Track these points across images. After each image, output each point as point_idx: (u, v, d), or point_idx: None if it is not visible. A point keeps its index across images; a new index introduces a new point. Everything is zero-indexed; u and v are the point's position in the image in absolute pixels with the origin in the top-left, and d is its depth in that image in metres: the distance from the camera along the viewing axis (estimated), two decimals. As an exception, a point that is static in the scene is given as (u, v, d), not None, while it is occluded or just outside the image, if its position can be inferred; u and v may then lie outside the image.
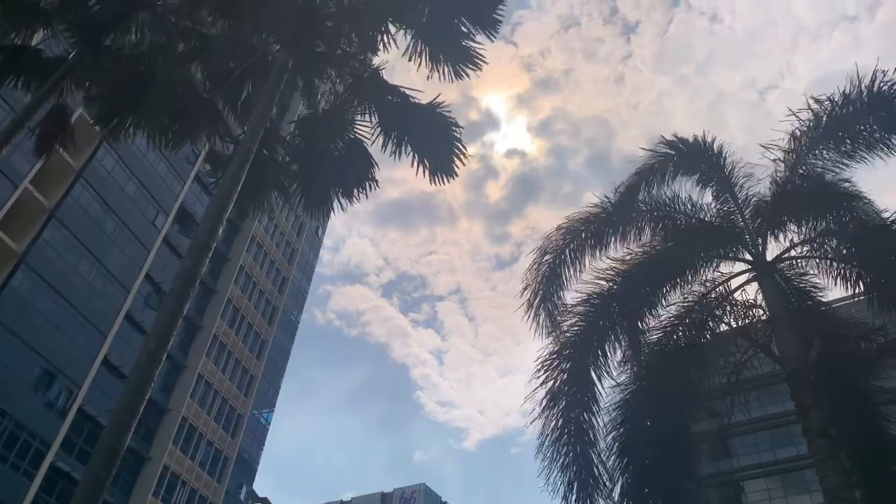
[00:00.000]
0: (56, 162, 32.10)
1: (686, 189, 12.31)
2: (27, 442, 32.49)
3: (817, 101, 10.89)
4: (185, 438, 44.35)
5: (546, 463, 10.74)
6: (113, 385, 36.73)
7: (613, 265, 11.85)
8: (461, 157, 10.80)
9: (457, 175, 10.89)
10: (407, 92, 10.82)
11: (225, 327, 50.00)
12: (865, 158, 10.98)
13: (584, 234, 12.16)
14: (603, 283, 11.71)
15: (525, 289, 12.28)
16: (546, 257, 12.23)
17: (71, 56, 11.48)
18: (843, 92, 10.65)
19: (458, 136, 10.78)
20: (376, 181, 11.33)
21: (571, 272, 12.15)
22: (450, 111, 10.75)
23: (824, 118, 11.00)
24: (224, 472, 47.59)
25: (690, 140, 12.31)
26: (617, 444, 10.95)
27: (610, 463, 10.81)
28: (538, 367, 11.26)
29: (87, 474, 6.05)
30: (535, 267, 12.30)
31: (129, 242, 40.35)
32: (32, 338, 33.28)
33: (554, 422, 10.92)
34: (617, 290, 11.56)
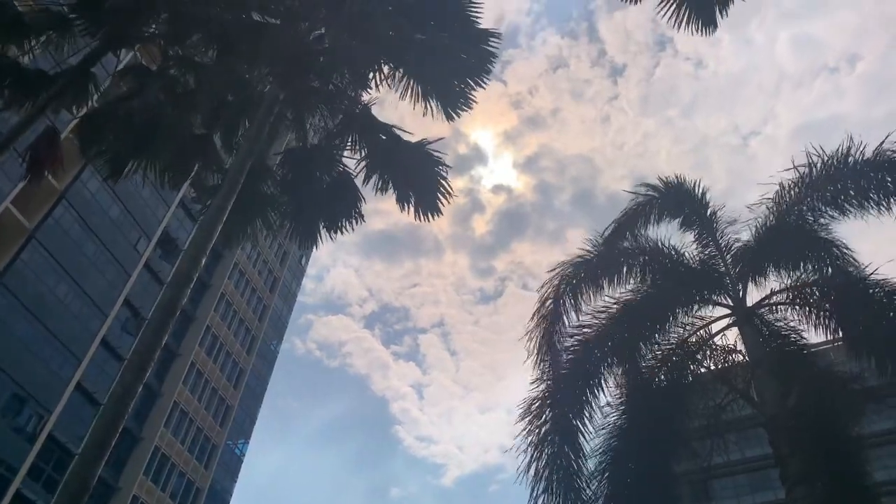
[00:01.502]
0: (35, 183, 31.80)
1: (669, 232, 12.51)
2: (-7, 468, 31.60)
3: (815, 155, 11.20)
4: (156, 468, 43.34)
5: None
6: (85, 411, 35.95)
7: (599, 309, 11.96)
8: (446, 195, 10.92)
9: (441, 213, 11.01)
10: (397, 131, 10.93)
11: (203, 355, 49.31)
12: (854, 215, 11.23)
13: (578, 278, 12.27)
14: (587, 329, 11.79)
15: (528, 334, 12.35)
16: (546, 304, 12.31)
17: (58, 78, 11.47)
18: (840, 149, 10.98)
19: (445, 174, 10.92)
20: (362, 216, 11.41)
21: (570, 315, 12.26)
22: (437, 151, 10.91)
23: (815, 172, 11.28)
24: (196, 503, 46.48)
25: (673, 182, 12.52)
26: (604, 487, 10.91)
27: None
28: (523, 413, 11.29)
29: (55, 508, 5.90)
30: (537, 312, 12.37)
31: (110, 266, 39.87)
32: (4, 360, 32.56)
33: (538, 473, 10.90)
34: (601, 334, 11.63)
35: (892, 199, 10.81)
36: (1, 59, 11.38)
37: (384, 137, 10.94)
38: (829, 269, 11.35)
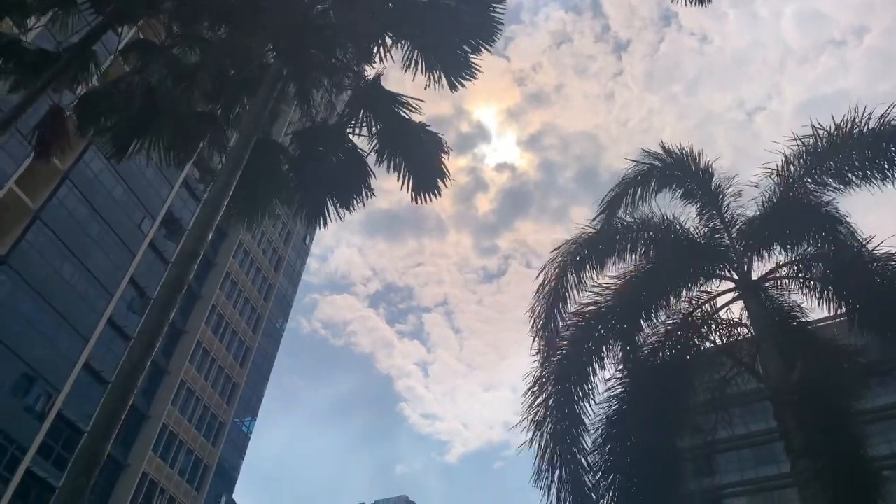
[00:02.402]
0: (43, 163, 31.84)
1: (670, 204, 12.42)
2: (3, 446, 31.96)
3: (818, 127, 11.07)
4: (164, 446, 43.86)
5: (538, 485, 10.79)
6: (93, 390, 36.30)
7: (602, 286, 11.94)
8: (445, 177, 10.96)
9: (440, 195, 11.05)
10: (406, 100, 10.85)
11: (209, 334, 49.62)
12: (858, 186, 11.14)
13: (582, 254, 12.22)
14: (590, 305, 11.78)
15: (531, 310, 12.33)
16: (549, 281, 12.29)
17: (62, 55, 11.41)
18: (845, 120, 10.85)
19: (446, 153, 10.93)
20: (372, 190, 11.39)
21: (574, 292, 12.22)
22: (440, 133, 10.91)
23: (820, 145, 11.16)
24: (203, 480, 47.07)
25: (677, 152, 12.37)
26: (604, 462, 10.98)
27: (597, 479, 10.85)
28: (527, 390, 11.35)
29: (67, 481, 5.98)
30: (539, 290, 12.36)
31: (115, 246, 39.99)
32: (12, 340, 32.82)
33: (542, 448, 10.99)
34: (604, 311, 11.63)
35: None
36: (3, 38, 11.34)
37: (396, 108, 10.88)
38: (833, 243, 11.28)
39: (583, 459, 11.00)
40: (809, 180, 11.42)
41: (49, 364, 34.85)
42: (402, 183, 11.11)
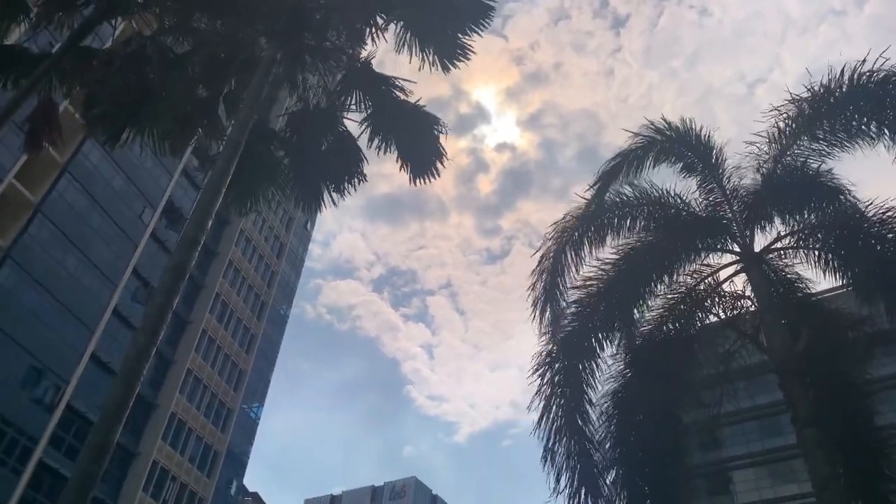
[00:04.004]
0: (41, 156, 31.72)
1: (671, 177, 12.33)
2: (14, 439, 32.26)
3: (806, 90, 10.92)
4: (174, 434, 44.22)
5: (547, 464, 10.86)
6: (101, 380, 36.52)
7: (605, 260, 11.88)
8: (442, 158, 10.94)
9: (438, 176, 11.04)
10: (398, 82, 10.81)
11: (213, 322, 49.82)
12: (848, 147, 11.02)
13: (580, 230, 12.10)
14: (592, 281, 11.74)
15: (530, 288, 12.30)
16: (547, 258, 12.23)
17: (55, 49, 11.36)
18: (824, 83, 10.69)
19: (443, 133, 10.90)
20: (364, 175, 11.40)
21: (573, 268, 12.16)
22: (434, 112, 10.90)
23: (807, 109, 11.03)
24: (214, 467, 47.50)
25: (677, 125, 12.21)
26: (611, 436, 11.04)
27: (605, 454, 10.92)
28: (534, 368, 11.37)
29: (77, 470, 6.02)
30: (538, 267, 12.30)
31: (116, 237, 40.04)
32: (19, 334, 33.00)
33: (550, 424, 11.03)
34: (606, 287, 11.59)
35: (878, 128, 10.43)
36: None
37: (388, 90, 10.83)
38: (834, 212, 11.20)
39: (590, 434, 11.04)
40: (801, 145, 11.32)
41: (56, 356, 35.06)
42: (401, 166, 11.10)
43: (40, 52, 11.73)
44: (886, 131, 10.31)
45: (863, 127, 10.63)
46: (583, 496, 10.55)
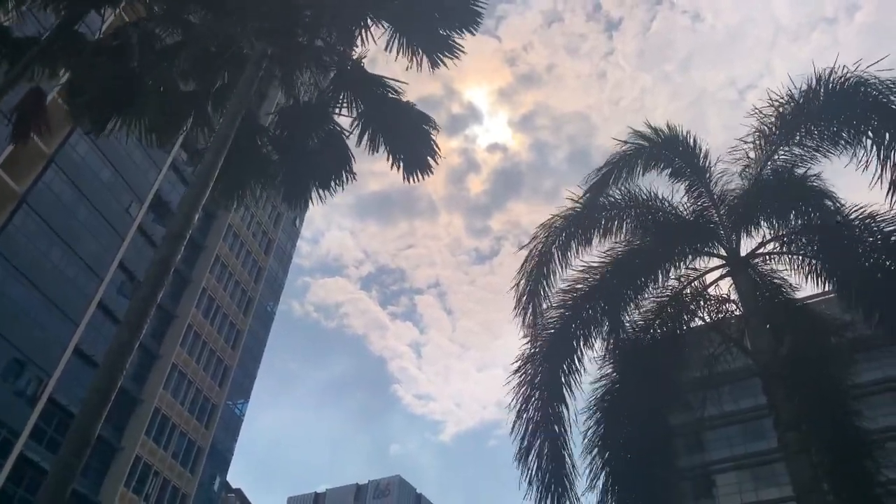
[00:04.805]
0: (27, 146, 31.42)
1: (659, 182, 12.39)
2: (-5, 431, 31.95)
3: (786, 95, 10.97)
4: (157, 429, 43.92)
5: (520, 465, 10.85)
6: (85, 374, 36.18)
7: (591, 263, 11.92)
8: (435, 155, 10.94)
9: (431, 173, 11.03)
10: (389, 83, 10.82)
11: (199, 317, 49.54)
12: (830, 153, 11.09)
13: (568, 231, 12.15)
14: (579, 284, 11.78)
15: (514, 287, 12.30)
16: (533, 257, 12.24)
17: (44, 37, 11.25)
18: (803, 88, 10.74)
19: (434, 132, 10.91)
20: (354, 174, 11.41)
21: (559, 269, 12.18)
22: (425, 110, 10.90)
23: (788, 114, 11.10)
24: (197, 463, 47.25)
25: (665, 131, 12.32)
26: (597, 439, 11.06)
27: (589, 459, 10.93)
28: (514, 368, 11.38)
29: (57, 461, 5.97)
30: (523, 266, 12.30)
31: (103, 230, 39.71)
32: (1, 325, 32.65)
33: (525, 425, 11.02)
34: (592, 289, 11.63)
35: (855, 133, 10.41)
36: None
37: (378, 90, 10.83)
38: (817, 216, 11.27)
39: (565, 437, 11.01)
40: (786, 150, 11.41)
41: (39, 348, 34.73)
42: (393, 163, 11.09)
43: (28, 37, 11.60)
44: (861, 137, 10.36)
45: (841, 133, 10.70)
46: (551, 499, 10.56)
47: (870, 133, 10.16)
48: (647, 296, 12.00)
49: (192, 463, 46.83)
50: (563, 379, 11.31)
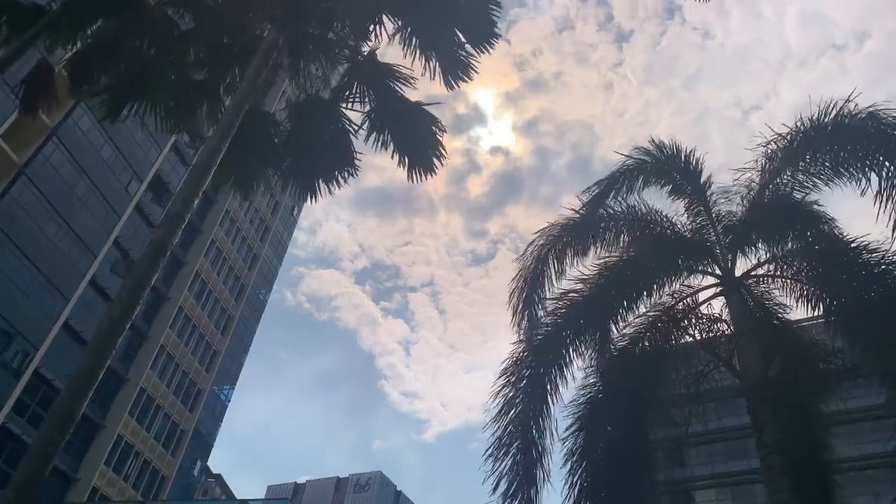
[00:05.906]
0: (29, 118, 31.34)
1: (658, 198, 12.47)
2: (-22, 401, 31.84)
3: (793, 124, 11.08)
4: (141, 409, 43.83)
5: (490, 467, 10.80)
6: (72, 350, 36.09)
7: (585, 273, 11.95)
8: (440, 155, 10.95)
9: (435, 174, 11.06)
10: (402, 72, 10.80)
11: (191, 300, 49.44)
12: (832, 182, 11.19)
13: (565, 239, 12.19)
14: (571, 292, 11.81)
15: (511, 293, 12.32)
16: (529, 264, 12.28)
17: (55, 9, 11.19)
18: (813, 116, 10.84)
19: (441, 132, 10.91)
20: (357, 168, 11.40)
21: (554, 277, 12.21)
22: (433, 108, 10.89)
23: (793, 142, 11.19)
24: (179, 446, 47.15)
25: (667, 147, 12.41)
26: (577, 447, 11.04)
27: (568, 467, 10.91)
28: (501, 371, 11.36)
29: (40, 435, 5.94)
30: (519, 274, 12.33)
31: (100, 207, 39.59)
32: (-9, 296, 32.56)
33: (504, 427, 10.98)
34: (585, 298, 11.65)
35: (860, 166, 10.48)
36: None
37: (389, 83, 10.82)
38: (814, 242, 11.34)
39: (540, 446, 10.95)
40: (787, 176, 11.49)
41: (28, 321, 34.62)
42: (398, 160, 11.09)
43: (35, 4, 11.54)
44: (866, 170, 10.44)
45: (846, 164, 10.78)
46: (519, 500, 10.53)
47: (875, 167, 10.24)
48: (638, 309, 12.03)
49: (175, 446, 46.73)
50: (548, 386, 11.31)
